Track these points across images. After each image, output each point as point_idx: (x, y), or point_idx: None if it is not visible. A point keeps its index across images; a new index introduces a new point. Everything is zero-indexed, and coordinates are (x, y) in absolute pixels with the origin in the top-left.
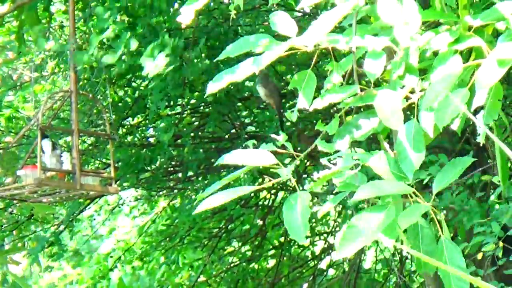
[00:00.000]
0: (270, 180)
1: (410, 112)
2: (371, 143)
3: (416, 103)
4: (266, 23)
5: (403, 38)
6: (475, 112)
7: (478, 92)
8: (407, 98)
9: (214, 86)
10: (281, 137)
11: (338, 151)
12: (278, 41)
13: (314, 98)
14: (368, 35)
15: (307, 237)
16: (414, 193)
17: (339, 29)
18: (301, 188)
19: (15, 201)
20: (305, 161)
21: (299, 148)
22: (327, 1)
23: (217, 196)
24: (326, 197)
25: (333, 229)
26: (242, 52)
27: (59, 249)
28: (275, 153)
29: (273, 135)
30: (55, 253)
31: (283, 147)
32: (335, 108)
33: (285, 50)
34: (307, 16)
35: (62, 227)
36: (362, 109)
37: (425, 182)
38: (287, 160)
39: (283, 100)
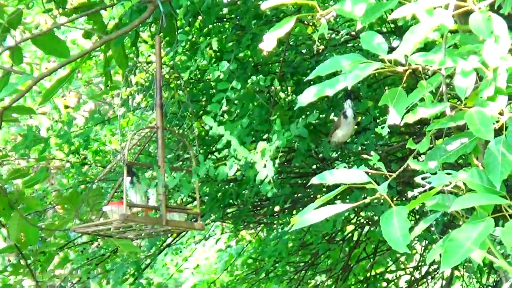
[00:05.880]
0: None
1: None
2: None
3: (504, 123)
4: None
5: (493, 58)
6: None
7: None
8: (496, 121)
9: (304, 98)
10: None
11: (434, 172)
12: (368, 61)
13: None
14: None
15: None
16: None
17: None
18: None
19: (99, 237)
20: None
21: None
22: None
23: (317, 212)
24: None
25: (419, 264)
26: (331, 71)
27: (140, 283)
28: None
29: (365, 155)
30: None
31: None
32: None
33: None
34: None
35: (146, 261)
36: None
37: None
38: None
39: None
